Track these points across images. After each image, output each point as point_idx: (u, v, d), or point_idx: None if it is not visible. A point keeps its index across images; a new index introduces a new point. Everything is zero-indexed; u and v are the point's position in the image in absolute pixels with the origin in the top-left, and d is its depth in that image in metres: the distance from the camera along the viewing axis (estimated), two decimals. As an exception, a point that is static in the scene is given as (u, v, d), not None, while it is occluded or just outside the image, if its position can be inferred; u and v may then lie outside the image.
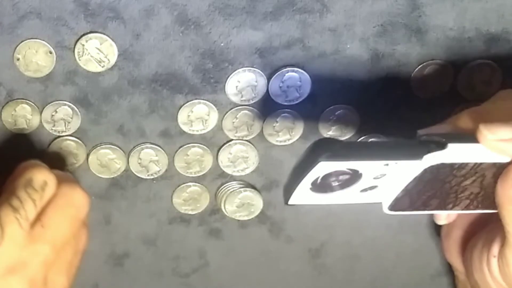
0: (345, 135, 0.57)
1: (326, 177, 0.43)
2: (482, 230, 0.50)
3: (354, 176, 0.43)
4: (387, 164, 0.42)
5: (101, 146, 0.56)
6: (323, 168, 0.42)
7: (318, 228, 0.61)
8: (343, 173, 0.43)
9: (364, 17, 0.53)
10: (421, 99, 0.56)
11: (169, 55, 0.53)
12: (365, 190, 0.44)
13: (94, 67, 0.53)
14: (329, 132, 0.56)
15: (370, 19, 0.53)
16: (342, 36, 0.53)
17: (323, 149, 0.41)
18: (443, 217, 0.51)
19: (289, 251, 0.62)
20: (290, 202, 0.44)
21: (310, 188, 0.43)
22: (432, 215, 0.52)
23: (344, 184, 0.44)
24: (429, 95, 0.56)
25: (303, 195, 0.44)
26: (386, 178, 0.44)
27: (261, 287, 0.64)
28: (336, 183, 0.44)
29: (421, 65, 0.55)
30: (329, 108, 0.56)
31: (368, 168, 0.43)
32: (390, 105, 0.56)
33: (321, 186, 0.43)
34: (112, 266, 0.61)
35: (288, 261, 0.62)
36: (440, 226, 0.54)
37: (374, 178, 0.43)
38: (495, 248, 0.47)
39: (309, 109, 0.55)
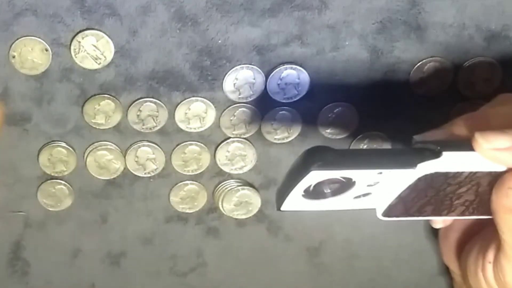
0: (344, 133, 0.56)
1: (319, 184, 0.42)
2: (479, 234, 0.50)
3: (348, 183, 0.43)
4: (380, 173, 0.42)
5: (97, 148, 0.56)
6: (315, 176, 0.41)
7: (316, 227, 0.61)
8: (336, 181, 0.43)
9: (363, 14, 0.52)
10: (421, 97, 0.55)
11: (166, 52, 0.53)
12: (358, 197, 0.44)
13: (90, 64, 0.52)
14: (328, 130, 0.56)
15: (369, 16, 0.53)
16: (341, 33, 0.53)
17: (315, 157, 0.41)
18: (439, 221, 0.51)
19: (287, 250, 0.62)
20: (282, 208, 0.44)
21: (303, 195, 0.43)
22: None
23: (337, 191, 0.43)
24: (428, 93, 0.55)
25: (295, 201, 0.44)
26: (380, 186, 0.43)
27: (259, 286, 0.63)
28: (329, 190, 0.43)
29: (420, 62, 0.54)
30: (327, 106, 0.55)
31: (361, 176, 0.42)
32: (389, 102, 0.55)
33: (314, 193, 0.43)
34: (109, 265, 0.61)
35: (287, 260, 0.62)
36: (433, 229, 0.54)
37: (368, 186, 0.43)
38: (490, 254, 0.47)
39: (308, 107, 0.55)
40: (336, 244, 0.62)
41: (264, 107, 0.55)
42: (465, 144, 0.43)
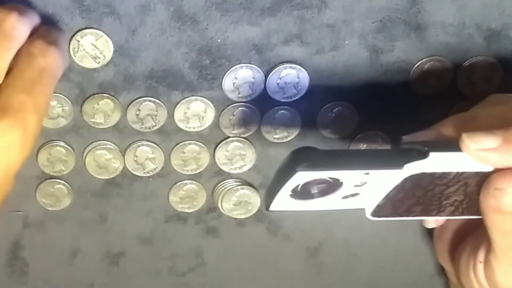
0: (344, 132, 0.56)
1: (306, 185, 0.43)
2: (471, 235, 0.50)
3: (335, 183, 0.43)
4: (367, 173, 0.42)
5: (97, 147, 0.56)
6: (301, 177, 0.41)
7: (316, 226, 0.61)
8: (323, 181, 0.43)
9: (362, 13, 0.52)
10: (421, 96, 0.55)
11: (166, 51, 0.53)
12: (346, 197, 0.44)
13: (89, 63, 0.52)
14: (327, 129, 0.56)
15: (369, 15, 0.52)
16: (341, 32, 0.53)
17: (301, 158, 0.41)
18: (431, 221, 0.51)
19: (287, 249, 0.62)
20: (271, 209, 0.44)
21: (290, 195, 0.43)
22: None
23: (325, 192, 0.44)
24: (428, 92, 0.55)
25: (283, 202, 0.44)
26: (368, 186, 0.43)
27: (258, 286, 0.63)
28: (317, 191, 0.44)
29: (420, 62, 0.54)
30: (327, 105, 0.55)
31: (348, 176, 0.42)
32: (389, 102, 0.55)
33: (302, 193, 0.43)
34: (108, 265, 0.61)
35: (286, 260, 0.62)
36: (431, 228, 0.54)
37: (355, 186, 0.43)
38: (481, 254, 0.47)
39: (307, 106, 0.55)
40: (336, 244, 0.62)
41: (263, 106, 0.55)
42: (453, 145, 0.43)
